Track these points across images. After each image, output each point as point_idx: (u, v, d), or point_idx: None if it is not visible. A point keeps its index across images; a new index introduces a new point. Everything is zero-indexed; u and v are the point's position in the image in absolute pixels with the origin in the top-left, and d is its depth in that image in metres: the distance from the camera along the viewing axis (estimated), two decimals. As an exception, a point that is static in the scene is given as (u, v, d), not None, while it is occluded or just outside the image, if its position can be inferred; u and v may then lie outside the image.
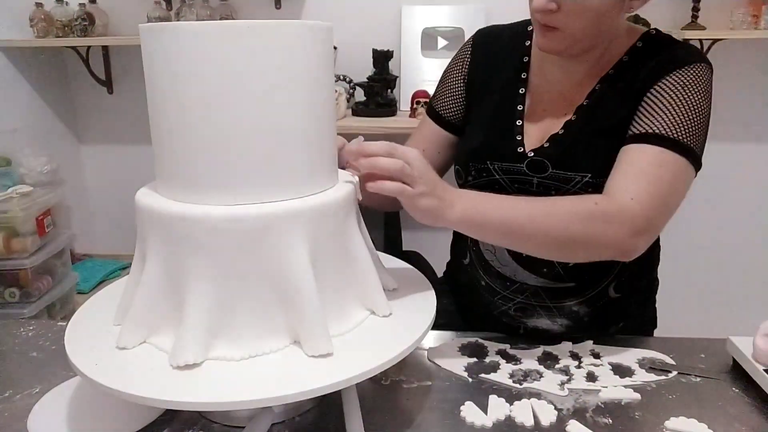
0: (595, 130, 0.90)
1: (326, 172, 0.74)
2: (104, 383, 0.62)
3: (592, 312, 0.98)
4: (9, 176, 1.90)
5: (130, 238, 2.27)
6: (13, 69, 2.14)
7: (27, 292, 1.79)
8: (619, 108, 0.88)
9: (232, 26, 0.64)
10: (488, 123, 0.99)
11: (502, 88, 0.99)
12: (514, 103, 0.97)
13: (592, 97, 0.91)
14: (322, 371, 0.65)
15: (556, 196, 0.89)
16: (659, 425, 0.73)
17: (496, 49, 1.02)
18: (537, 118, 0.95)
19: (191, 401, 0.61)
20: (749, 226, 2.35)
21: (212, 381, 0.63)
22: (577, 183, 0.89)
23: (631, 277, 0.97)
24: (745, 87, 2.22)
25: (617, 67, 0.91)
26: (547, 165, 0.91)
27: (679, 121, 0.84)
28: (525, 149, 0.93)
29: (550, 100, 0.96)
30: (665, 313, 2.70)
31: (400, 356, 0.68)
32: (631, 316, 1.02)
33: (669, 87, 0.85)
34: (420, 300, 0.81)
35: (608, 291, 0.97)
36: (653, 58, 0.88)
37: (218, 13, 2.16)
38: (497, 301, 1.02)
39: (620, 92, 0.89)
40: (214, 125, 0.65)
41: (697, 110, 0.85)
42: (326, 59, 0.71)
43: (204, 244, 0.65)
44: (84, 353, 0.67)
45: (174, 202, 0.68)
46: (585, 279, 0.96)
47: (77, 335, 0.72)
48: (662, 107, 0.84)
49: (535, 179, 0.92)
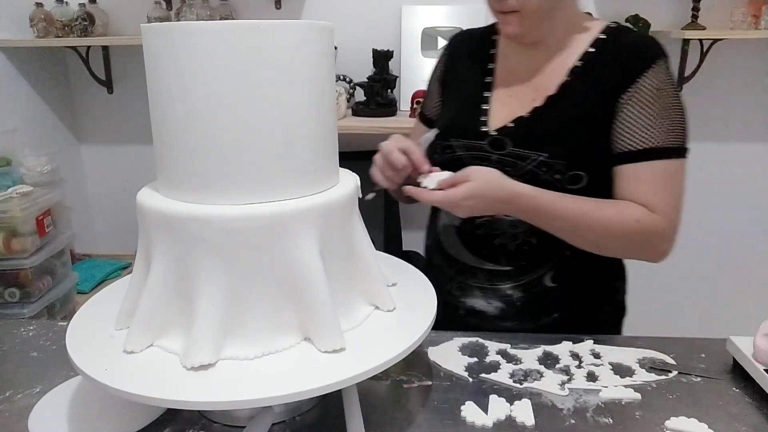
0: (561, 118, 0.95)
1: (330, 170, 0.76)
2: (116, 386, 0.62)
3: (526, 298, 1.00)
4: (9, 176, 1.90)
5: (130, 238, 2.28)
6: (13, 69, 2.14)
7: (27, 292, 1.79)
8: (587, 102, 0.95)
9: (239, 26, 0.64)
10: (456, 106, 1.07)
11: (472, 78, 1.06)
12: (481, 89, 1.04)
13: (563, 88, 0.96)
14: (336, 366, 0.65)
15: (511, 173, 0.92)
16: (659, 425, 0.73)
17: (467, 48, 1.10)
18: (503, 103, 1.02)
19: (211, 401, 0.61)
20: (749, 226, 2.35)
21: (228, 380, 0.63)
22: (533, 161, 0.94)
23: (569, 270, 0.99)
24: (745, 87, 2.22)
25: (585, 59, 0.96)
26: (507, 143, 0.97)
27: (668, 129, 0.91)
28: (489, 128, 1.00)
29: (516, 85, 1.02)
30: (665, 313, 2.70)
31: (411, 348, 0.69)
32: (571, 310, 1.01)
33: (645, 98, 0.91)
34: (420, 294, 0.83)
35: (544, 279, 1.00)
36: (618, 52, 0.94)
37: (218, 13, 2.16)
38: (442, 281, 1.05)
39: (590, 87, 0.95)
40: (221, 125, 0.66)
41: (678, 109, 0.93)
42: (329, 59, 0.72)
43: (215, 243, 0.65)
44: (91, 358, 0.67)
45: (181, 203, 0.68)
46: (523, 265, 0.99)
47: (79, 337, 0.72)
48: (648, 120, 0.91)
49: (494, 156, 0.97)
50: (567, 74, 0.97)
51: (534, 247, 0.97)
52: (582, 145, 0.94)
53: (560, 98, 0.96)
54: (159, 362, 0.67)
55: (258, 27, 0.64)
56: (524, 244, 0.98)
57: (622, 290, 1.11)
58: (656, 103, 0.91)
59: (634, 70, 0.92)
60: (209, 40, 0.64)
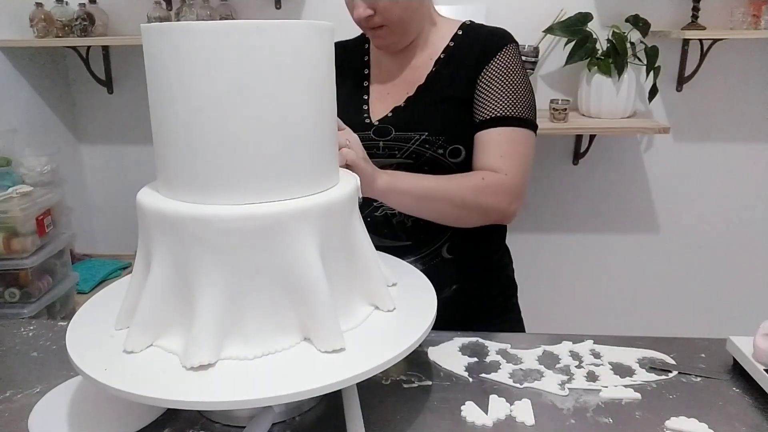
0: (433, 100, 1.08)
1: (330, 170, 0.75)
2: (116, 386, 0.62)
3: (428, 269, 1.02)
4: (9, 176, 1.90)
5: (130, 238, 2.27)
6: (13, 69, 2.14)
7: (27, 292, 1.79)
8: (451, 85, 1.08)
9: (239, 26, 0.64)
10: (340, 107, 1.11)
11: (350, 83, 1.17)
12: (360, 92, 1.16)
13: (429, 77, 1.10)
14: (336, 366, 0.65)
15: (398, 156, 1.07)
16: (659, 425, 0.73)
17: (343, 58, 1.16)
18: (380, 100, 1.14)
19: (211, 401, 0.60)
20: (749, 226, 2.35)
21: (228, 380, 0.63)
22: (416, 141, 1.06)
23: (462, 240, 1.11)
24: (745, 87, 2.22)
25: (446, 51, 1.11)
26: (391, 129, 1.08)
27: (513, 101, 1.04)
28: (371, 120, 1.11)
29: (392, 86, 1.14)
30: (665, 313, 2.70)
31: (411, 348, 0.69)
32: (467, 282, 1.14)
33: (495, 74, 1.05)
34: (420, 293, 0.83)
35: (441, 251, 1.11)
36: (474, 43, 1.09)
37: (218, 13, 2.16)
38: None
39: (452, 72, 1.08)
40: (221, 125, 0.65)
41: (522, 87, 1.06)
42: (329, 59, 0.73)
43: (216, 243, 0.65)
44: (91, 358, 0.67)
45: (180, 203, 0.68)
46: (420, 239, 1.10)
47: (79, 337, 0.71)
48: (497, 93, 1.04)
49: (381, 143, 1.09)
50: (432, 66, 1.10)
51: (429, 222, 1.05)
52: (455, 121, 1.06)
53: (429, 86, 1.09)
54: (159, 362, 0.66)
55: (258, 27, 0.64)
56: (419, 219, 1.06)
57: (510, 267, 1.24)
58: (505, 79, 1.05)
59: (489, 54, 1.06)
60: (209, 40, 0.63)
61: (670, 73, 2.19)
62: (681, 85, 2.22)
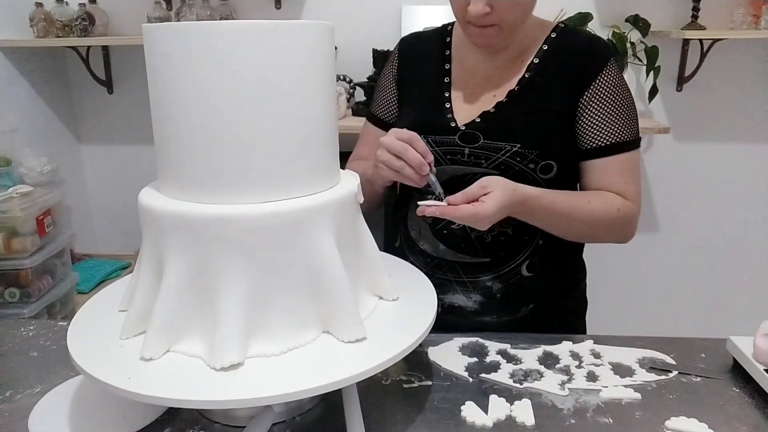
0: (525, 110, 1.00)
1: (335, 167, 0.78)
2: (117, 387, 0.61)
3: (505, 289, 1.02)
4: (9, 176, 1.90)
5: (130, 238, 2.27)
6: (13, 69, 2.14)
7: (27, 292, 1.79)
8: (547, 95, 1.00)
9: (239, 26, 0.64)
10: (419, 106, 1.08)
11: (429, 78, 1.09)
12: (441, 89, 1.07)
13: (523, 83, 1.02)
14: (361, 355, 0.67)
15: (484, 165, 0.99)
16: (659, 425, 0.73)
17: (420, 49, 1.12)
18: (465, 100, 1.05)
19: (248, 398, 0.60)
20: (749, 226, 2.35)
21: (257, 377, 0.64)
22: (507, 152, 0.98)
23: (543, 258, 1.03)
24: (745, 87, 2.22)
25: (540, 56, 1.02)
26: (479, 136, 1.00)
27: (628, 123, 1.01)
28: (457, 124, 1.02)
29: (476, 85, 1.05)
30: (665, 313, 2.69)
31: (426, 332, 0.72)
32: (544, 300, 1.05)
33: (605, 96, 0.99)
34: (417, 282, 0.85)
35: (521, 269, 1.03)
36: (572, 52, 1.01)
37: (218, 13, 2.16)
38: None
39: (549, 81, 1.01)
40: (220, 124, 0.66)
41: (631, 106, 1.02)
42: (329, 59, 0.73)
43: (240, 242, 0.65)
44: (93, 359, 0.66)
45: (196, 204, 0.67)
46: (500, 255, 1.02)
47: (80, 338, 0.71)
48: (612, 117, 0.99)
49: (467, 149, 1.00)
50: (525, 70, 1.02)
51: (510, 237, 1.00)
52: (549, 135, 0.98)
53: (521, 93, 1.01)
54: (161, 362, 0.66)
55: (258, 27, 0.64)
56: (500, 234, 1.00)
57: (584, 281, 1.17)
58: (616, 101, 0.99)
59: (592, 71, 0.99)
60: (210, 40, 0.64)
61: (670, 73, 2.19)
62: (681, 85, 2.22)
